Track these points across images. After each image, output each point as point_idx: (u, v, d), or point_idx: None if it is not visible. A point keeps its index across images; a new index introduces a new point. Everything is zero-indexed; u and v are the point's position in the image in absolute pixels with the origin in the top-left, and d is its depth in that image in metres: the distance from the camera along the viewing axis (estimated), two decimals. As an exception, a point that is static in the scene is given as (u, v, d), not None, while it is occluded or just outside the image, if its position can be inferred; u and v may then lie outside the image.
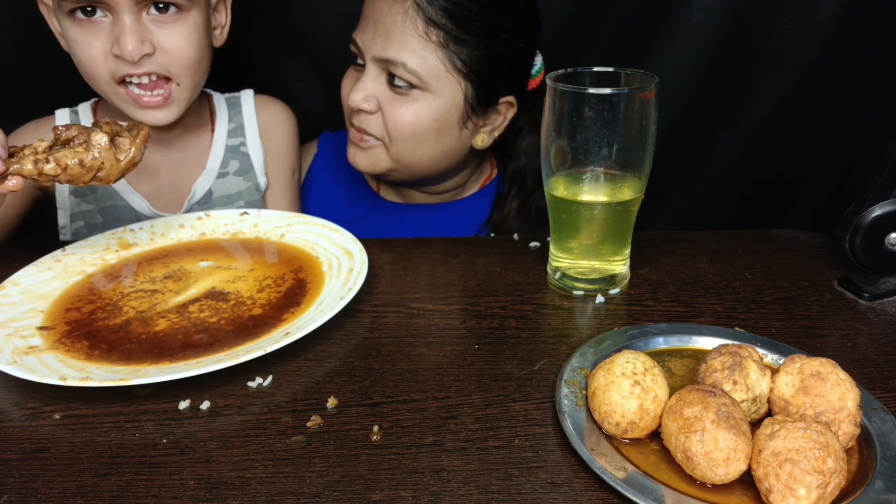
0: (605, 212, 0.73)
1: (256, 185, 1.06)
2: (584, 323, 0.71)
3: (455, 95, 0.95)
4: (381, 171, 1.01)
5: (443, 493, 0.50)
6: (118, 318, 0.72)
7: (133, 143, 0.73)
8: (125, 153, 0.73)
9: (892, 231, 0.73)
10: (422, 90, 0.93)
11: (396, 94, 0.94)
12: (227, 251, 0.85)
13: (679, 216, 1.36)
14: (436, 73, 0.92)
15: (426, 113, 0.94)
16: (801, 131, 1.24)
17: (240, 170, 1.05)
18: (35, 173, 0.69)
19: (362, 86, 0.94)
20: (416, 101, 0.94)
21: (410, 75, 0.92)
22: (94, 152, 0.71)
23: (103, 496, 0.50)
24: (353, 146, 1.00)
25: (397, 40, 0.91)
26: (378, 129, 0.96)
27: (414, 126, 0.95)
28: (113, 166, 0.72)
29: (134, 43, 0.84)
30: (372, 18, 0.93)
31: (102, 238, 0.86)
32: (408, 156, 0.98)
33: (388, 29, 0.91)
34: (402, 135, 0.95)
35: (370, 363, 0.65)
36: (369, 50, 0.93)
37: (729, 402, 0.49)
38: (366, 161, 1.00)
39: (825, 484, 0.45)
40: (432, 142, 0.97)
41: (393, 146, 0.97)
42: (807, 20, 1.15)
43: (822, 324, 0.70)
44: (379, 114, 0.95)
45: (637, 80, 0.71)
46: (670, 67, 1.19)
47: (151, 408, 0.59)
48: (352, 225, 0.87)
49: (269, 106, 1.10)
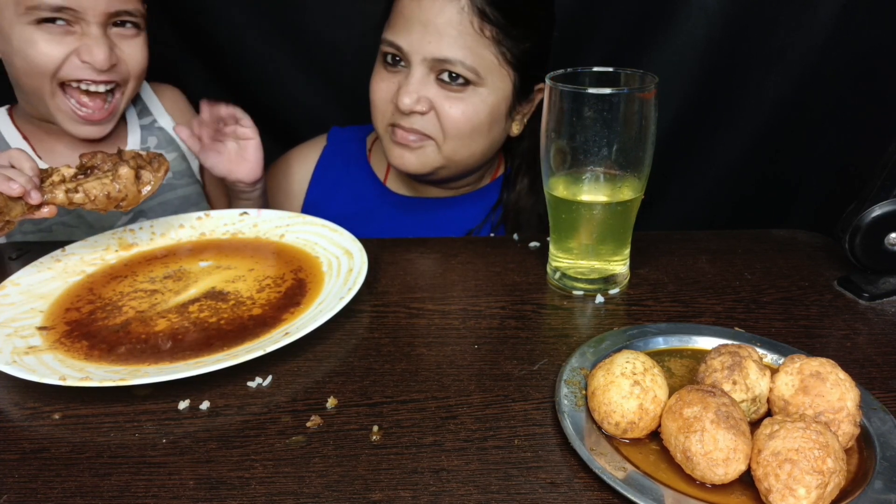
0: (604, 212, 0.73)
1: (182, 154, 1.10)
2: (584, 323, 0.71)
3: (505, 88, 0.97)
4: (429, 171, 1.01)
5: (442, 493, 0.50)
6: (118, 318, 0.72)
7: (155, 176, 0.78)
8: (147, 186, 0.78)
9: (892, 231, 0.73)
10: (475, 86, 0.95)
11: (450, 91, 0.95)
12: (227, 251, 0.85)
13: (679, 216, 1.36)
14: (489, 69, 0.94)
15: (482, 108, 0.96)
16: (801, 131, 1.23)
17: (159, 144, 1.09)
18: (66, 202, 0.74)
19: (412, 88, 0.94)
20: (472, 97, 0.95)
21: (468, 72, 0.93)
22: (120, 185, 0.76)
23: (103, 496, 0.50)
24: (399, 147, 1.00)
25: (453, 39, 0.92)
26: (432, 128, 0.97)
27: (472, 122, 0.96)
28: (135, 197, 0.77)
29: (105, 53, 0.92)
30: (418, 19, 0.92)
31: (102, 238, 0.86)
32: (461, 152, 0.99)
33: (443, 28, 0.91)
34: (459, 132, 0.96)
35: (370, 363, 0.65)
36: (419, 51, 0.93)
37: (728, 402, 0.49)
38: (416, 162, 1.00)
39: (825, 484, 0.45)
40: (485, 135, 0.99)
41: (447, 144, 0.98)
42: (807, 20, 1.15)
43: (821, 324, 0.70)
44: (431, 113, 0.96)
45: (637, 80, 0.71)
46: (670, 67, 1.19)
47: (151, 408, 0.59)
48: (361, 219, 0.88)
49: (167, 88, 1.15)
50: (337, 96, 1.30)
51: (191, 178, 1.10)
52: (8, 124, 1.01)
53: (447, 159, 0.99)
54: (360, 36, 1.24)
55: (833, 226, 0.77)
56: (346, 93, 1.29)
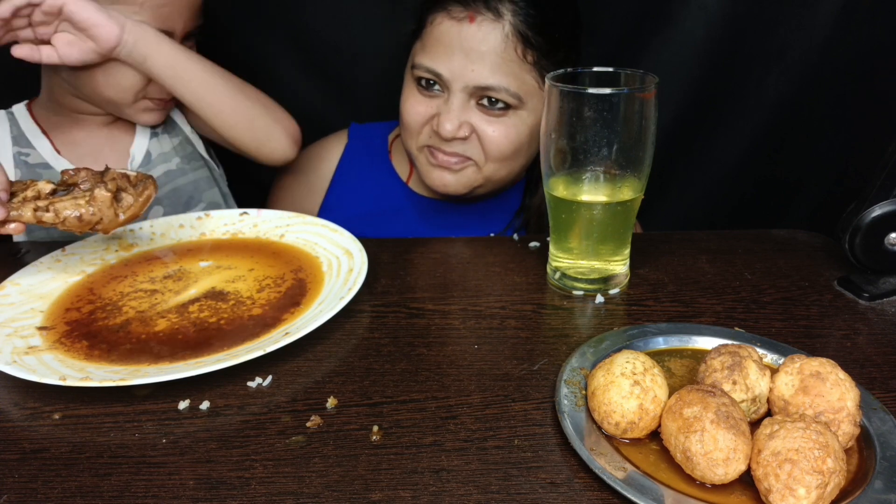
0: (604, 212, 0.73)
1: (186, 138, 1.09)
2: (584, 323, 0.71)
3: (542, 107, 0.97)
4: (468, 190, 1.02)
5: (442, 493, 0.50)
6: (118, 318, 0.72)
7: (136, 201, 0.73)
8: (126, 212, 0.72)
9: (892, 231, 0.73)
10: (516, 109, 0.95)
11: (491, 116, 0.95)
12: (227, 251, 0.85)
13: (679, 216, 1.36)
14: (531, 92, 0.95)
15: (523, 129, 0.96)
16: (801, 131, 1.23)
17: (166, 126, 1.08)
18: (34, 221, 0.69)
19: (454, 115, 0.94)
20: (512, 119, 0.95)
21: (512, 98, 0.93)
22: (94, 208, 0.70)
23: (103, 496, 0.50)
24: (439, 170, 1.00)
25: (498, 67, 0.92)
26: (473, 151, 0.97)
27: (514, 144, 0.97)
28: (111, 221, 0.72)
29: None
30: (460, 47, 0.92)
31: (102, 238, 0.86)
32: (501, 172, 1.00)
33: (486, 56, 0.91)
34: (502, 154, 0.97)
35: (370, 363, 0.65)
36: (461, 78, 0.93)
37: (728, 401, 0.49)
38: (457, 183, 1.00)
39: (825, 484, 0.45)
40: (525, 154, 1.00)
41: (487, 166, 0.98)
42: (807, 20, 1.15)
43: (821, 324, 0.70)
44: (473, 137, 0.96)
45: (637, 80, 0.71)
46: (670, 67, 1.19)
47: (151, 408, 0.59)
48: (385, 218, 0.87)
49: None
50: (337, 96, 1.30)
51: (199, 162, 1.10)
52: (27, 119, 1.01)
53: (486, 179, 1.00)
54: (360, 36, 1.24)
55: (833, 226, 0.77)
56: (346, 93, 1.29)
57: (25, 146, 1.00)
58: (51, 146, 1.00)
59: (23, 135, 1.00)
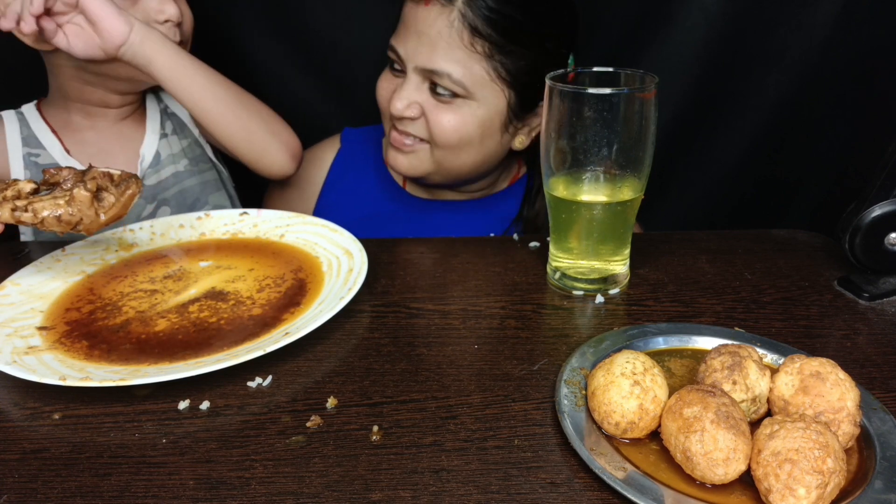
0: (604, 212, 0.73)
1: (195, 140, 1.09)
2: (584, 323, 0.71)
3: (498, 103, 0.96)
4: (420, 174, 1.02)
5: (442, 493, 0.50)
6: (118, 318, 0.72)
7: (119, 200, 0.70)
8: (107, 212, 0.70)
9: (892, 231, 0.73)
10: (465, 98, 0.95)
11: (440, 101, 0.95)
12: (227, 251, 0.85)
13: (679, 216, 1.36)
14: (480, 83, 0.94)
15: (470, 120, 0.96)
16: (801, 131, 1.23)
17: (175, 129, 1.08)
18: (12, 221, 0.68)
19: (404, 94, 0.95)
20: (460, 109, 0.95)
21: (455, 86, 0.93)
22: (73, 208, 0.68)
23: (103, 496, 0.50)
24: (393, 150, 1.01)
25: (442, 52, 0.92)
26: (422, 133, 0.98)
27: (460, 132, 0.96)
28: (93, 222, 0.70)
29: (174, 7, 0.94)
30: (414, 28, 0.93)
31: (102, 238, 0.86)
32: (451, 160, 0.99)
33: (433, 40, 0.92)
34: (447, 141, 0.97)
35: (370, 363, 0.65)
36: (412, 60, 0.94)
37: (728, 401, 0.49)
38: (406, 164, 1.01)
39: (825, 484, 0.45)
40: (476, 147, 0.99)
41: (436, 151, 0.98)
42: (807, 20, 1.15)
43: (821, 324, 0.70)
44: (422, 119, 0.97)
45: (637, 80, 0.71)
46: (670, 67, 1.19)
47: (151, 408, 0.59)
48: (378, 222, 0.87)
49: None
50: (337, 97, 1.30)
51: (207, 164, 1.10)
52: (37, 119, 1.01)
53: (437, 165, 1.00)
54: (360, 36, 1.24)
55: (833, 226, 0.77)
56: (346, 93, 1.29)
57: (35, 146, 0.99)
58: (61, 146, 1.00)
59: (33, 135, 1.00)
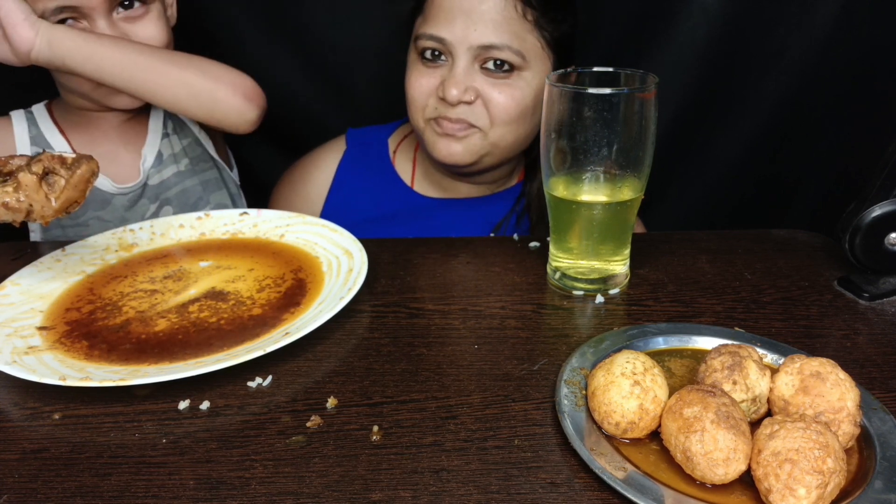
0: (604, 212, 0.73)
1: (196, 139, 1.09)
2: (584, 323, 0.71)
3: (546, 69, 0.98)
4: (474, 160, 1.01)
5: (442, 493, 0.50)
6: (118, 318, 0.72)
7: (69, 182, 0.67)
8: (58, 196, 0.67)
9: (892, 231, 0.73)
10: (520, 70, 0.96)
11: (496, 79, 0.96)
12: (227, 251, 0.85)
13: (679, 216, 1.36)
14: (534, 52, 0.96)
15: (528, 92, 0.97)
16: (801, 131, 1.24)
17: (175, 127, 1.08)
18: None
19: (458, 79, 0.95)
20: (517, 82, 0.96)
21: (516, 56, 0.94)
22: (21, 194, 0.66)
23: (103, 496, 0.50)
24: (444, 139, 1.00)
25: (499, 25, 0.93)
26: (480, 117, 0.98)
27: (521, 106, 0.97)
28: (44, 207, 0.67)
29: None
30: (460, 9, 0.94)
31: (102, 238, 0.86)
32: (508, 137, 1.00)
33: (487, 15, 0.93)
34: (509, 117, 0.97)
35: (370, 363, 0.65)
36: (464, 40, 0.94)
37: (729, 402, 0.49)
38: (463, 150, 1.00)
39: (825, 484, 0.45)
40: (529, 119, 1.00)
41: (494, 131, 0.98)
42: (807, 20, 1.15)
43: (821, 324, 0.70)
44: (478, 102, 0.97)
45: (637, 80, 0.71)
46: (670, 67, 1.19)
47: (151, 408, 0.59)
48: (386, 223, 0.87)
49: None
50: (337, 97, 1.30)
51: (208, 163, 1.10)
52: (46, 119, 1.02)
53: (493, 146, 1.00)
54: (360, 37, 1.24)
55: (833, 226, 0.77)
56: (346, 93, 1.29)
57: (43, 146, 0.99)
58: (68, 147, 1.00)
59: (41, 135, 1.00)
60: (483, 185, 1.11)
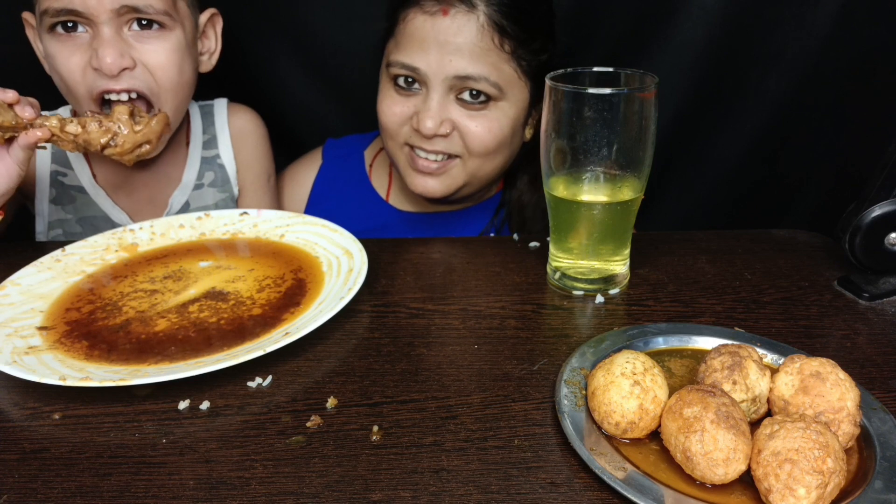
0: (604, 212, 0.73)
1: (231, 196, 1.07)
2: (584, 323, 0.71)
3: (523, 98, 0.96)
4: (453, 192, 1.00)
5: (442, 493, 0.50)
6: (118, 318, 0.72)
7: (148, 124, 0.82)
8: (140, 130, 0.81)
9: (892, 231, 0.73)
10: (496, 101, 0.94)
11: (472, 110, 0.94)
12: (227, 251, 0.85)
13: (679, 216, 1.36)
14: (511, 82, 0.94)
15: (505, 122, 0.95)
16: (801, 131, 1.24)
17: (215, 181, 1.06)
18: (59, 127, 0.76)
19: (433, 112, 0.92)
20: (493, 112, 0.94)
21: (492, 88, 0.92)
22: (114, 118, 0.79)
23: (103, 496, 0.50)
24: (422, 176, 0.98)
25: (475, 56, 0.90)
26: (456, 148, 0.96)
27: (497, 137, 0.95)
28: (129, 133, 0.80)
29: (113, 55, 0.85)
30: (435, 40, 0.91)
31: (102, 238, 0.86)
32: (485, 167, 0.99)
33: (463, 47, 0.90)
34: (486, 148, 0.95)
35: (370, 363, 0.65)
36: (440, 72, 0.91)
37: (728, 402, 0.49)
38: (441, 186, 0.98)
39: (825, 484, 0.45)
40: (507, 147, 0.99)
41: (471, 162, 0.97)
42: (807, 20, 1.15)
43: (821, 324, 0.70)
44: (454, 133, 0.95)
45: (637, 80, 0.71)
46: (670, 67, 1.19)
47: (151, 408, 0.59)
48: (365, 237, 0.86)
49: (240, 114, 1.09)
50: (337, 98, 1.30)
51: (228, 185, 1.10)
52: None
53: (471, 176, 0.99)
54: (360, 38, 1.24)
55: (833, 226, 0.77)
56: (346, 94, 1.29)
57: (64, 166, 0.98)
58: (89, 171, 0.99)
59: (63, 154, 0.98)
60: (456, 203, 1.10)
